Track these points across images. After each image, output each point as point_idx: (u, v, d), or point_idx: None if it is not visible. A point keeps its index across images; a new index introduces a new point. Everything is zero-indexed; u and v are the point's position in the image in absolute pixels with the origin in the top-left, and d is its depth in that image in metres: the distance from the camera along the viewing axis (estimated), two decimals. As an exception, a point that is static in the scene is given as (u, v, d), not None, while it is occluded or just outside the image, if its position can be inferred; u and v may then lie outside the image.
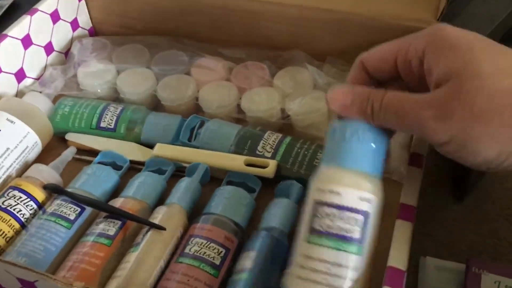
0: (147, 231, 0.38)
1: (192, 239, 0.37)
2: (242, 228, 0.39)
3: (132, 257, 0.36)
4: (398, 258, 0.30)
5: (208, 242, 0.36)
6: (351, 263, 0.27)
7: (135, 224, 0.39)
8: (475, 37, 0.27)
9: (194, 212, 0.41)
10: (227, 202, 0.40)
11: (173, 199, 0.40)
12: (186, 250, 0.36)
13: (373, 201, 0.28)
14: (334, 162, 0.29)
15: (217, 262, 0.36)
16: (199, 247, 0.36)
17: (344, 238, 0.27)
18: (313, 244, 0.27)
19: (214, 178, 0.44)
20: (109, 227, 0.38)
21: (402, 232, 0.31)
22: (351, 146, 0.28)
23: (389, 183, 0.32)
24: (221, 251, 0.36)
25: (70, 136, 0.48)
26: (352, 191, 0.28)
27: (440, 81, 0.26)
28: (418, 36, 0.29)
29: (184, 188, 0.41)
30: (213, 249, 0.36)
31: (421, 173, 0.35)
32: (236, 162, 0.43)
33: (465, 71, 0.25)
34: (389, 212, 0.38)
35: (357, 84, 0.31)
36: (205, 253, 0.36)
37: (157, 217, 0.39)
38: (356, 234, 0.27)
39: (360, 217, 0.27)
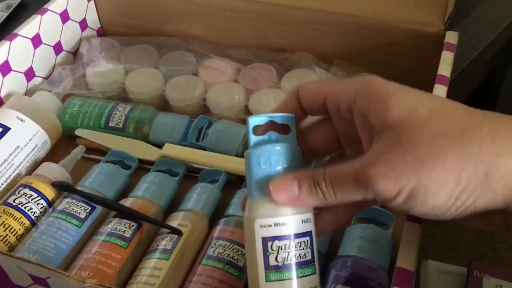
0: (171, 238, 0.38)
1: (215, 241, 0.37)
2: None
3: (161, 264, 0.36)
4: (406, 259, 0.30)
5: (232, 244, 0.37)
6: (313, 284, 0.28)
7: (148, 226, 0.39)
8: (402, 87, 0.27)
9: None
10: None
11: (197, 207, 0.41)
12: (210, 252, 0.37)
13: (311, 218, 0.29)
14: (264, 193, 0.27)
15: (241, 264, 0.36)
16: (222, 249, 0.37)
17: (302, 264, 0.27)
18: (274, 281, 0.27)
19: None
20: (125, 228, 0.38)
21: (410, 233, 0.32)
22: (278, 174, 0.28)
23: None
24: (244, 253, 0.37)
25: (79, 132, 0.48)
26: (295, 218, 0.27)
27: (377, 131, 0.26)
28: (349, 82, 0.28)
29: (208, 197, 0.42)
30: (236, 251, 0.37)
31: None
32: (243, 166, 0.44)
33: (401, 118, 0.25)
34: (398, 213, 0.38)
35: (286, 110, 0.30)
36: (228, 255, 0.36)
37: (184, 224, 0.39)
38: (309, 255, 0.28)
39: (307, 238, 0.28)
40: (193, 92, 0.50)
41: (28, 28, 0.50)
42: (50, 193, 0.42)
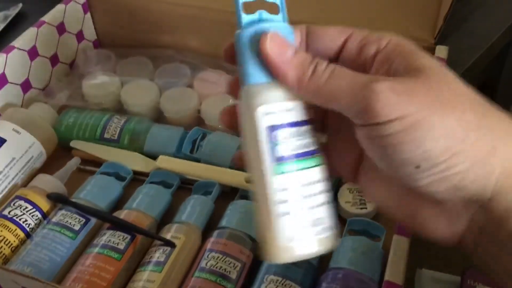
0: (164, 250, 0.38)
1: (208, 253, 0.38)
2: (256, 242, 0.40)
3: (154, 277, 0.37)
4: (395, 272, 0.31)
5: (224, 256, 0.37)
6: (324, 174, 0.25)
7: (142, 238, 0.40)
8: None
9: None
10: (241, 216, 0.40)
11: (190, 219, 0.41)
12: (202, 264, 0.37)
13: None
14: (264, 77, 0.24)
15: (233, 276, 0.37)
16: (215, 261, 0.37)
17: (311, 153, 0.25)
18: (285, 173, 0.24)
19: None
20: (118, 241, 0.39)
21: (399, 247, 0.32)
22: None
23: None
24: (237, 265, 0.37)
25: (75, 143, 0.49)
26: (302, 103, 0.25)
27: (405, 70, 0.23)
28: (378, 33, 0.26)
29: (201, 209, 0.42)
30: (229, 263, 0.37)
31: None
32: (237, 178, 0.44)
33: (431, 65, 0.23)
34: (388, 226, 0.39)
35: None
36: (221, 267, 0.37)
37: (177, 236, 0.39)
38: (316, 144, 0.25)
39: (311, 127, 0.25)
40: (188, 104, 0.51)
41: (25, 40, 0.51)
42: (45, 205, 0.42)
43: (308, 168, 0.24)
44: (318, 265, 0.39)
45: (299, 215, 0.24)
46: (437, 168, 0.22)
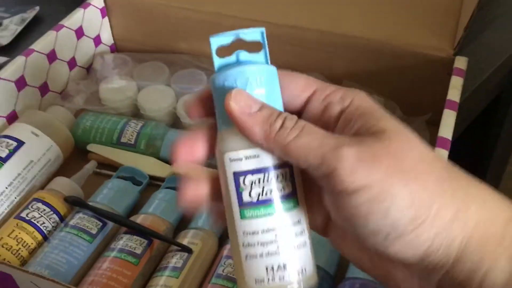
0: (181, 255, 0.38)
1: (224, 260, 0.38)
2: None
3: (171, 282, 0.37)
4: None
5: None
6: (296, 218, 0.24)
7: (159, 243, 0.40)
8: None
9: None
10: None
11: (206, 225, 0.41)
12: (219, 271, 0.37)
13: None
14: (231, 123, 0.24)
15: None
16: (232, 268, 0.37)
17: (281, 198, 0.24)
18: (250, 218, 0.24)
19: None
20: (135, 245, 0.39)
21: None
22: None
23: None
24: None
25: (92, 147, 0.49)
26: (253, 150, 0.24)
27: (367, 131, 0.23)
28: (343, 88, 0.25)
29: None
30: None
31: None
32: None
33: (395, 128, 0.23)
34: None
35: None
36: None
37: (194, 242, 0.39)
38: (289, 188, 0.24)
39: (285, 170, 0.24)
40: (204, 110, 0.51)
41: (44, 43, 0.51)
42: (62, 207, 0.42)
43: (280, 212, 0.24)
44: (335, 275, 0.39)
45: (266, 259, 0.24)
46: (406, 237, 0.22)
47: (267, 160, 0.24)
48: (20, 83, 0.49)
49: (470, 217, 0.22)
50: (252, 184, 0.24)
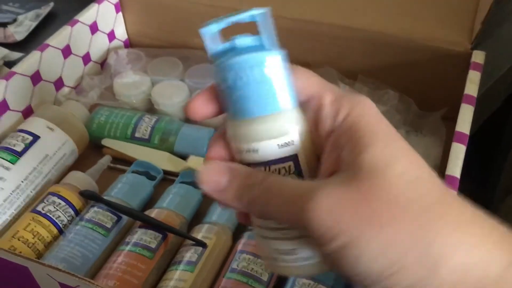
0: (196, 250, 0.38)
1: (239, 254, 0.38)
2: None
3: (186, 276, 0.37)
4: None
5: (256, 258, 0.37)
6: None
7: (173, 237, 0.40)
8: (391, 132, 0.23)
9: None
10: None
11: (221, 220, 0.41)
12: (234, 266, 0.37)
13: (296, 139, 0.23)
14: (234, 115, 0.23)
15: (265, 278, 0.37)
16: (246, 262, 0.37)
17: None
18: None
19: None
20: (150, 239, 0.39)
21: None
22: (242, 92, 0.23)
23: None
24: None
25: (106, 142, 0.49)
26: (268, 143, 0.23)
27: (344, 166, 0.22)
28: (344, 101, 0.23)
29: (232, 210, 0.42)
30: (260, 265, 0.37)
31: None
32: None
33: (373, 167, 0.21)
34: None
35: None
36: (252, 269, 0.37)
37: (209, 236, 0.39)
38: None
39: (288, 164, 0.23)
40: (218, 105, 0.51)
41: (59, 38, 0.51)
42: (77, 201, 0.42)
43: None
44: None
45: (274, 243, 0.24)
46: (380, 285, 0.21)
47: (267, 154, 0.23)
48: (36, 78, 0.49)
49: (454, 263, 0.20)
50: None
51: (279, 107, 0.23)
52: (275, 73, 0.23)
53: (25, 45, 0.64)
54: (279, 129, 0.23)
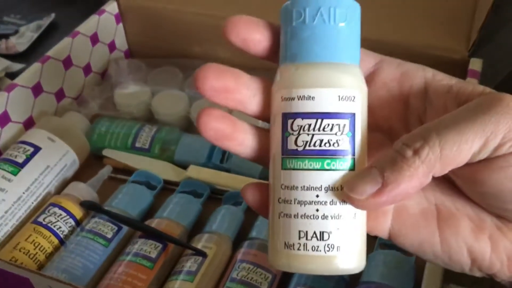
0: (195, 259, 0.39)
1: (239, 264, 0.38)
2: None
3: (185, 286, 0.37)
4: (431, 286, 0.31)
5: (255, 267, 0.37)
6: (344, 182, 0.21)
7: (173, 247, 0.40)
8: None
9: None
10: None
11: (220, 229, 0.41)
12: (234, 275, 0.37)
13: (358, 97, 0.21)
14: (295, 57, 0.21)
15: (264, 287, 0.37)
16: (246, 272, 0.37)
17: (330, 154, 0.21)
18: (291, 169, 0.21)
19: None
20: (150, 249, 0.39)
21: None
22: (314, 32, 0.21)
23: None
24: (268, 276, 0.37)
25: (107, 152, 0.50)
26: (329, 91, 0.21)
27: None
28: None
29: (231, 219, 0.42)
30: (260, 274, 0.37)
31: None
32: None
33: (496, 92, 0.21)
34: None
35: None
36: (252, 278, 0.37)
37: (208, 246, 0.40)
38: (344, 145, 0.21)
39: (344, 122, 0.21)
40: (218, 114, 0.51)
41: (60, 50, 0.52)
42: (78, 212, 0.43)
43: (325, 170, 0.21)
44: (349, 279, 0.39)
45: (301, 221, 0.21)
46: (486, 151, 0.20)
47: (324, 104, 0.21)
48: (37, 89, 0.50)
49: None
50: (300, 130, 0.21)
51: (349, 58, 0.21)
52: (355, 22, 0.22)
53: (27, 56, 0.65)
54: (344, 80, 0.21)
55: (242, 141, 0.22)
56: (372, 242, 0.40)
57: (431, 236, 0.22)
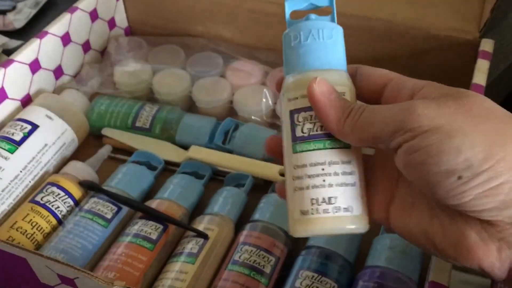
0: (197, 241, 0.38)
1: (241, 246, 0.37)
2: (291, 237, 0.39)
3: (186, 268, 0.36)
4: (440, 273, 0.30)
5: (258, 250, 0.37)
6: (345, 158, 0.26)
7: (174, 229, 0.39)
8: None
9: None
10: (275, 209, 0.39)
11: (223, 211, 0.40)
12: (236, 258, 0.36)
13: (347, 94, 0.27)
14: (295, 68, 0.28)
15: (267, 270, 0.36)
16: (248, 254, 0.36)
17: (331, 135, 0.26)
18: (301, 152, 0.26)
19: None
20: (151, 230, 0.38)
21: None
22: (308, 48, 0.27)
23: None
24: (271, 259, 0.36)
25: (106, 131, 0.48)
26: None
27: (438, 95, 0.25)
28: (415, 79, 0.27)
29: (234, 201, 0.41)
30: (262, 257, 0.36)
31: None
32: (270, 171, 0.43)
33: (466, 92, 0.24)
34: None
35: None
36: (255, 260, 0.36)
37: (210, 228, 0.39)
38: None
39: None
40: (221, 94, 0.50)
41: (58, 26, 0.50)
42: (77, 192, 0.42)
43: (328, 148, 0.26)
44: (354, 263, 0.38)
45: (312, 191, 0.26)
46: (480, 178, 0.21)
47: None
48: (35, 66, 0.48)
49: None
50: (305, 120, 0.26)
51: (337, 65, 0.27)
52: (339, 39, 0.27)
53: (24, 33, 0.63)
54: (335, 80, 0.26)
55: None
56: (378, 226, 0.39)
57: (405, 222, 0.27)
